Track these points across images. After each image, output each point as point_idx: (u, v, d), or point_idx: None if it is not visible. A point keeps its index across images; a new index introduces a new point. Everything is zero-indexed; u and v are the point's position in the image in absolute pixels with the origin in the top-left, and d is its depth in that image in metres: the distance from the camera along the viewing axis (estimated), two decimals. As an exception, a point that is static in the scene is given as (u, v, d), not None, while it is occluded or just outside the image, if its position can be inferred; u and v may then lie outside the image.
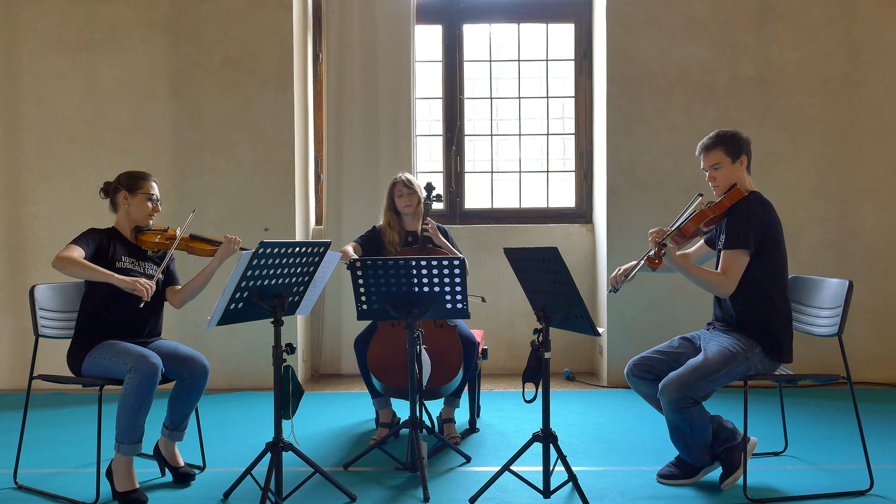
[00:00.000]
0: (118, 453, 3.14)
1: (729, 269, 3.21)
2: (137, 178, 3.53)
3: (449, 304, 3.35)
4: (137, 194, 3.49)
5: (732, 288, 3.21)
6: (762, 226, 3.23)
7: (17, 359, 5.35)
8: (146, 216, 3.51)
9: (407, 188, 4.05)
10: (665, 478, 3.34)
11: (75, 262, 3.22)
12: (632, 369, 3.37)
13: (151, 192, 3.52)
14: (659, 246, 3.14)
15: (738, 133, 3.37)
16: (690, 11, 5.29)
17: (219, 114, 5.33)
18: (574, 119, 5.89)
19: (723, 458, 3.26)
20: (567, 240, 5.74)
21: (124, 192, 3.50)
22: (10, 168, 5.37)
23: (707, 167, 3.37)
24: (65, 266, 3.21)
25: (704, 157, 3.38)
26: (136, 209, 3.50)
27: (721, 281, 3.21)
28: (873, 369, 5.30)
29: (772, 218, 3.26)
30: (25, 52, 5.34)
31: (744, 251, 3.19)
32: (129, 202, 3.49)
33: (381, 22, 5.60)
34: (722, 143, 3.33)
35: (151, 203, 3.51)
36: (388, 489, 3.31)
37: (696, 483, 3.30)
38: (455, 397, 3.97)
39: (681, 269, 3.25)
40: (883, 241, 5.30)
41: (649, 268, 3.18)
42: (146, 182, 3.52)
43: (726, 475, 3.24)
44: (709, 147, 3.37)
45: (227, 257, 3.53)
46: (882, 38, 5.27)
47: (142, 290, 3.20)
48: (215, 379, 4.88)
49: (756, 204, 3.26)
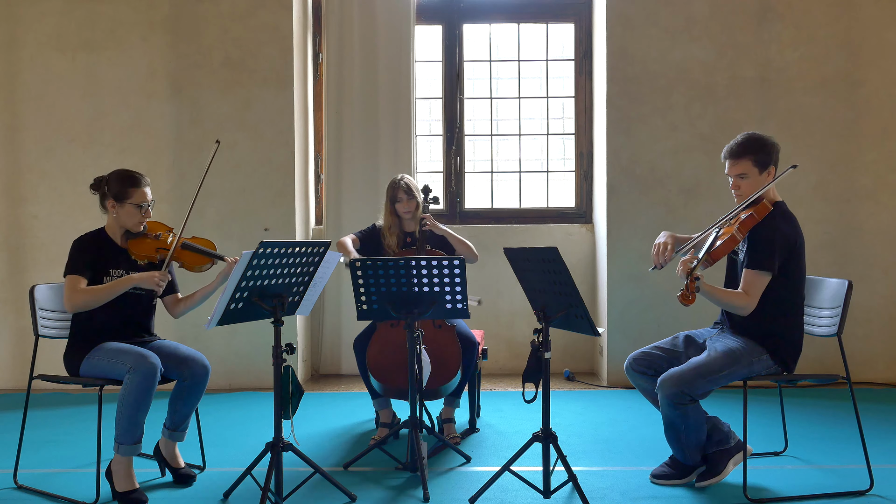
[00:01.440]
0: (118, 454, 3.14)
1: (751, 290, 3.12)
2: (128, 184, 3.31)
3: (449, 304, 3.35)
4: (126, 204, 3.31)
5: (753, 307, 3.13)
6: (787, 244, 3.15)
7: (17, 359, 5.35)
8: (136, 224, 3.36)
9: (406, 194, 4.06)
10: (658, 477, 3.33)
11: (88, 294, 3.19)
12: (631, 363, 3.36)
13: (142, 202, 3.31)
14: (691, 280, 2.87)
15: (767, 141, 3.22)
16: (690, 11, 5.29)
17: (219, 114, 5.33)
18: (574, 119, 5.89)
19: (710, 460, 3.27)
20: (567, 240, 5.74)
21: (111, 199, 3.32)
22: (10, 168, 5.37)
23: (733, 175, 3.24)
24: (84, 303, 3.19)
25: (731, 164, 3.24)
26: (126, 218, 3.33)
27: (744, 303, 3.12)
28: (873, 369, 5.30)
29: (796, 234, 3.19)
30: (25, 51, 5.34)
31: (766, 273, 3.12)
32: (118, 210, 3.33)
33: (381, 22, 5.60)
34: (752, 151, 3.19)
35: (142, 211, 3.33)
36: (388, 489, 3.31)
37: (691, 483, 3.30)
38: (455, 397, 3.97)
39: (709, 298, 3.11)
40: (883, 241, 5.30)
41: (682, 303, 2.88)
42: (137, 190, 3.31)
43: (707, 476, 3.25)
44: (737, 154, 3.22)
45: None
46: (882, 38, 5.27)
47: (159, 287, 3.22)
48: (215, 379, 4.86)
49: (781, 221, 3.16)
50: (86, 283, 3.23)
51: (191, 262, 3.42)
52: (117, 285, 3.22)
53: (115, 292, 3.22)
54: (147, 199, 3.35)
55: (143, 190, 3.34)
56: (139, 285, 3.25)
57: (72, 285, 3.20)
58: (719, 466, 3.24)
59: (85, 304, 3.21)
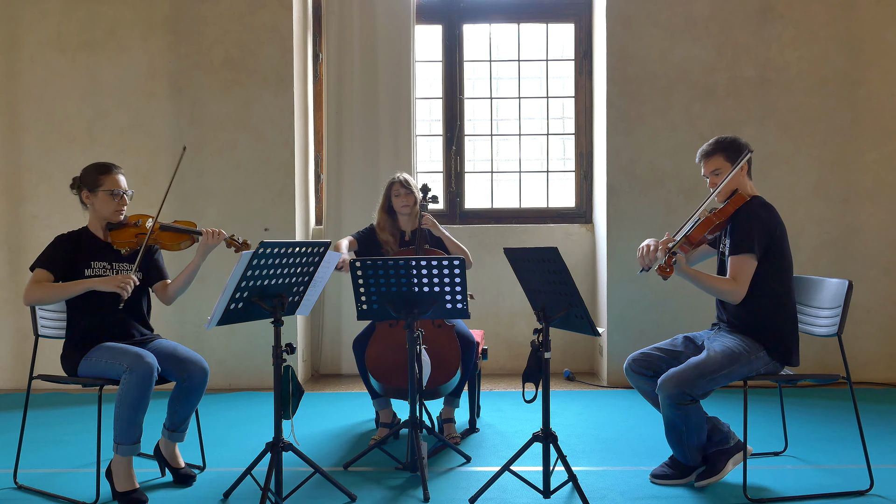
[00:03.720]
0: (117, 454, 3.14)
1: (738, 275, 3.19)
2: (99, 172, 3.33)
3: (449, 304, 3.35)
4: (98, 192, 3.32)
5: (743, 293, 3.19)
6: (767, 229, 3.22)
7: (17, 359, 5.36)
8: (113, 212, 3.35)
9: (404, 188, 4.06)
10: (658, 477, 3.34)
11: (43, 290, 3.16)
12: (630, 365, 3.37)
13: (114, 189, 3.31)
14: (669, 255, 3.09)
15: (736, 138, 3.37)
16: (690, 11, 5.29)
17: (219, 114, 5.33)
18: (574, 119, 5.89)
19: (710, 460, 3.28)
20: (567, 240, 5.74)
21: (85, 190, 3.33)
22: (10, 168, 5.37)
23: (707, 173, 3.37)
24: (38, 298, 3.16)
25: (704, 163, 3.39)
26: (101, 206, 3.34)
27: (731, 287, 3.19)
28: (873, 369, 5.30)
29: (776, 221, 3.26)
30: (25, 52, 5.34)
31: (750, 255, 3.18)
32: (92, 200, 3.34)
33: (381, 22, 5.60)
34: (721, 149, 3.34)
35: (115, 198, 3.33)
36: (388, 489, 3.31)
37: (691, 483, 3.30)
38: (455, 397, 3.97)
39: (690, 278, 3.20)
40: (883, 241, 5.30)
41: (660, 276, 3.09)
42: (108, 176, 3.32)
43: (706, 476, 3.27)
44: (708, 154, 3.37)
45: (210, 252, 3.42)
46: (882, 38, 5.27)
47: (122, 289, 3.15)
48: (215, 379, 4.87)
49: (759, 208, 3.26)
50: (51, 279, 3.23)
51: (170, 242, 3.41)
52: (72, 287, 3.20)
53: (69, 293, 3.20)
54: (120, 186, 3.35)
55: (114, 177, 3.35)
56: (100, 288, 3.18)
57: (34, 278, 3.21)
58: (718, 466, 3.25)
59: (39, 300, 3.21)
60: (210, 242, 3.39)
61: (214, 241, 3.39)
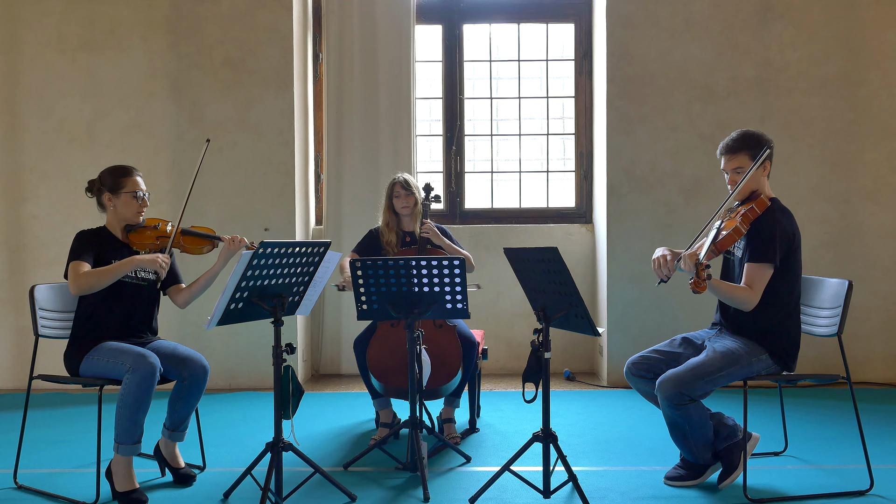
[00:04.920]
0: (117, 454, 3.14)
1: (754, 283, 3.13)
2: (119, 175, 3.39)
3: (449, 304, 3.35)
4: (121, 194, 3.38)
5: (756, 301, 3.14)
6: (787, 237, 3.16)
7: (17, 359, 5.35)
8: (135, 214, 3.41)
9: (404, 189, 4.06)
10: (672, 479, 3.32)
11: (92, 276, 3.21)
12: (630, 368, 3.36)
13: (136, 190, 3.38)
14: (701, 268, 2.87)
15: (762, 136, 3.26)
16: (690, 11, 5.29)
17: (219, 114, 5.33)
18: (574, 119, 5.89)
19: (723, 457, 3.25)
20: (567, 240, 5.74)
21: (107, 193, 3.39)
22: (10, 168, 5.37)
23: (729, 170, 3.26)
24: (88, 285, 3.20)
25: (727, 159, 3.26)
26: (123, 208, 3.39)
27: (747, 296, 3.12)
28: (873, 369, 5.30)
29: (794, 227, 3.21)
30: (25, 52, 5.34)
31: (769, 265, 3.13)
32: (114, 202, 3.39)
33: (381, 22, 5.60)
34: (748, 147, 3.22)
35: (138, 200, 3.39)
36: (388, 489, 3.31)
37: (705, 483, 3.29)
38: (455, 397, 3.97)
39: (716, 292, 3.12)
40: (883, 241, 5.30)
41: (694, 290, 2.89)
42: (129, 178, 3.39)
43: (725, 475, 3.24)
44: (733, 150, 3.25)
45: (231, 258, 3.49)
46: (882, 38, 5.27)
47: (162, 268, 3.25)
48: (215, 379, 4.87)
49: (780, 215, 3.19)
50: (89, 268, 3.25)
51: (191, 246, 3.48)
52: (121, 266, 3.24)
53: (119, 273, 3.24)
54: (141, 188, 3.42)
55: (135, 178, 3.42)
56: (143, 266, 3.27)
57: (75, 270, 3.23)
58: (734, 462, 3.21)
59: (89, 287, 3.22)
60: (231, 248, 3.45)
61: (236, 246, 3.44)
